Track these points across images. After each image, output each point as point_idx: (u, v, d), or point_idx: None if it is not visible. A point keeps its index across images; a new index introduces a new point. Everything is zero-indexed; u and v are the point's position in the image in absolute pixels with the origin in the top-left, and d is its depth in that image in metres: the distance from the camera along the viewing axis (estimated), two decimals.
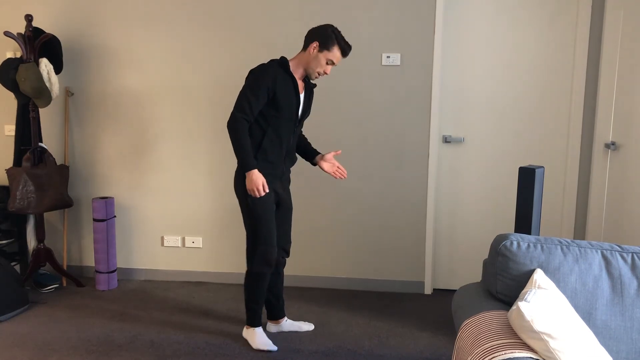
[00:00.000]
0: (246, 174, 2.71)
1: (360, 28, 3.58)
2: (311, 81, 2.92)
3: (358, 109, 3.65)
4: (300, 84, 2.86)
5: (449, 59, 3.60)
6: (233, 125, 2.68)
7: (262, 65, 2.78)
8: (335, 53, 2.77)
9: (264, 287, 2.90)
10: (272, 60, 2.82)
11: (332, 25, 2.78)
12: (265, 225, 2.80)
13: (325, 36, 2.74)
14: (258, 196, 2.72)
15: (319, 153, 3.02)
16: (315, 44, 2.75)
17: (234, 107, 2.71)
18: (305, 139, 3.08)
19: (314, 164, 3.02)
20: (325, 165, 2.97)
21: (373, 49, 3.59)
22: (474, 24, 3.56)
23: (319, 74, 2.81)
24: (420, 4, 3.52)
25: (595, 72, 3.48)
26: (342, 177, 2.99)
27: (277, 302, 3.09)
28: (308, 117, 3.65)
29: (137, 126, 3.84)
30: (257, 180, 2.69)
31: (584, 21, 3.45)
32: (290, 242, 3.08)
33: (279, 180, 2.90)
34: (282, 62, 2.79)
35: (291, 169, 3.07)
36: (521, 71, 3.56)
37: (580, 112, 3.53)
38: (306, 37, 2.82)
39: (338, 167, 2.98)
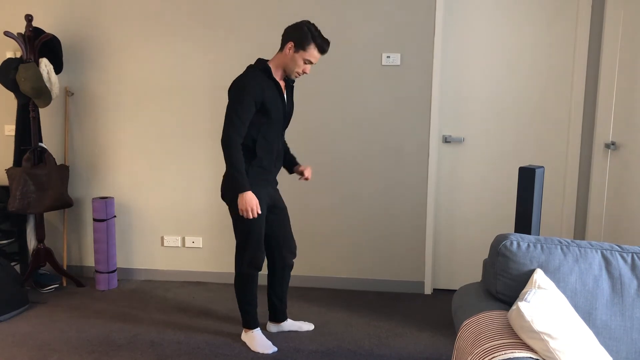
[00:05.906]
0: (239, 194, 2.65)
1: (361, 28, 3.58)
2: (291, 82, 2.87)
3: (358, 109, 3.65)
4: (281, 84, 2.81)
5: (449, 59, 3.60)
6: (227, 144, 2.61)
7: (243, 76, 2.67)
8: (312, 52, 2.67)
9: (254, 288, 2.89)
10: (251, 67, 2.72)
11: (308, 22, 2.68)
12: (256, 230, 2.78)
13: (300, 36, 2.65)
14: (251, 217, 2.66)
15: (298, 163, 3.03)
16: (290, 45, 2.66)
17: (225, 125, 2.63)
18: (288, 149, 3.05)
19: (291, 172, 3.04)
20: (298, 170, 3.00)
21: (373, 49, 3.59)
22: (474, 24, 3.56)
23: (298, 74, 2.74)
24: (420, 4, 3.52)
25: (595, 72, 3.48)
26: (306, 178, 2.98)
27: (280, 305, 3.08)
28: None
29: (137, 126, 3.84)
30: (252, 202, 2.64)
31: (584, 21, 3.45)
32: (295, 242, 3.06)
33: (271, 183, 2.88)
34: (265, 69, 2.71)
35: None
36: (521, 71, 3.56)
37: (580, 112, 3.52)
38: (282, 36, 2.73)
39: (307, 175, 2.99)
